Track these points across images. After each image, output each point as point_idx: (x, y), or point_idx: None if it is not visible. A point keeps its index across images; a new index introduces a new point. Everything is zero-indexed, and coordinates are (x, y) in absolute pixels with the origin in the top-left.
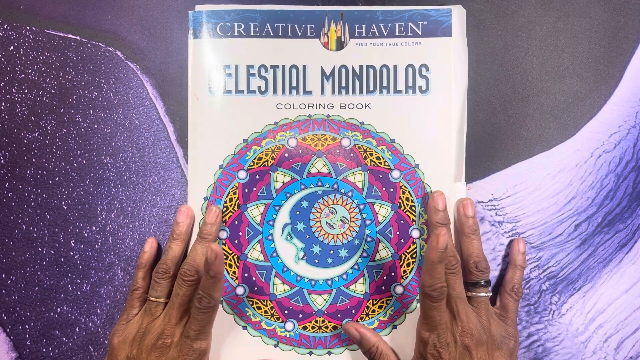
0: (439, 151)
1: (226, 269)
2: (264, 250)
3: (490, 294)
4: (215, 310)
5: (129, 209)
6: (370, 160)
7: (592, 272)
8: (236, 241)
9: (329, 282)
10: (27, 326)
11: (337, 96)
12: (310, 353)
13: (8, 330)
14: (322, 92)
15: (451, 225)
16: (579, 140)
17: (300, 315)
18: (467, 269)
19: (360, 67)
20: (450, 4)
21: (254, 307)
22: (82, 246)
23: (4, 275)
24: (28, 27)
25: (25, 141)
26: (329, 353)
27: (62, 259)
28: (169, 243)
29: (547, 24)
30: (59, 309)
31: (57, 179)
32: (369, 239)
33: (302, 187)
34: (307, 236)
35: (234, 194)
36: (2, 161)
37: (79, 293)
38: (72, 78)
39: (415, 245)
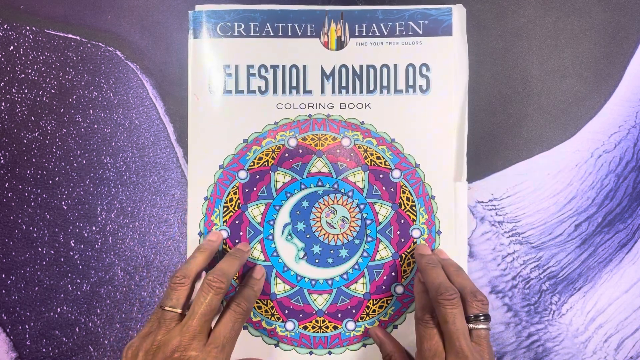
0: (439, 151)
1: None
2: (265, 250)
3: (490, 329)
4: (246, 318)
5: (129, 209)
6: (371, 159)
7: (592, 272)
8: (237, 241)
9: (330, 281)
10: (27, 326)
11: (338, 96)
12: (311, 353)
13: (8, 330)
14: (323, 91)
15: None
16: (579, 140)
17: (301, 315)
18: (465, 302)
19: (361, 66)
20: (451, 3)
21: (254, 307)
22: (82, 246)
23: (4, 275)
24: (28, 27)
25: (25, 141)
26: (330, 353)
27: (62, 259)
28: (194, 253)
29: (547, 24)
30: (58, 309)
31: (57, 179)
32: (369, 239)
33: (303, 187)
34: (308, 236)
35: (235, 193)
36: (2, 161)
37: (78, 293)
38: (72, 78)
39: (415, 245)
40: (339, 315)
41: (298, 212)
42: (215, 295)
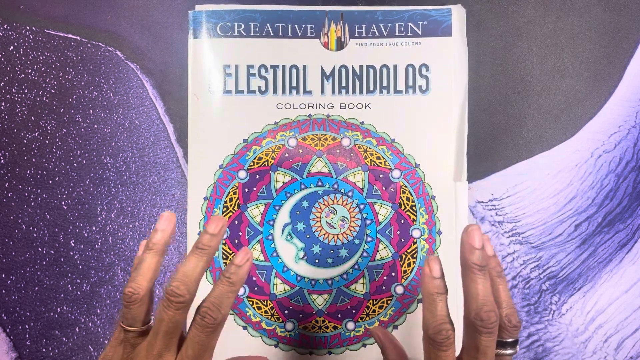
0: (439, 151)
1: None
2: (264, 250)
3: (517, 352)
4: (219, 330)
5: (129, 209)
6: (371, 160)
7: (592, 272)
8: (236, 241)
9: (329, 282)
10: (27, 326)
11: (337, 96)
12: (311, 353)
13: (8, 330)
14: (322, 92)
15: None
16: (579, 140)
17: (301, 315)
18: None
19: (360, 67)
20: (450, 3)
21: (254, 307)
22: (82, 246)
23: (4, 275)
24: (28, 27)
25: (25, 141)
26: (329, 353)
27: (62, 259)
28: (141, 255)
29: (547, 24)
30: (58, 309)
31: (57, 179)
32: (369, 239)
33: (302, 187)
34: (307, 236)
35: (234, 193)
36: (2, 161)
37: (78, 293)
38: (72, 78)
39: (415, 245)
40: (339, 315)
41: (298, 212)
42: (176, 311)
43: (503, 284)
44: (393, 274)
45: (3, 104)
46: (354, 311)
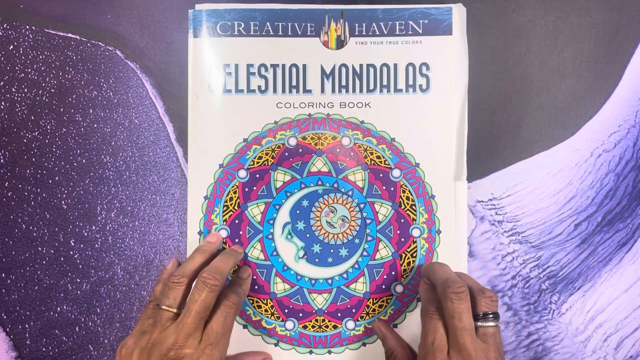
0: (439, 150)
1: None
2: (264, 249)
3: (500, 327)
4: (236, 313)
5: (129, 208)
6: (371, 159)
7: (592, 271)
8: (236, 240)
9: (329, 281)
10: (27, 325)
11: (337, 95)
12: (311, 352)
13: (8, 329)
14: (322, 91)
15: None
16: (579, 140)
17: (301, 314)
18: (473, 299)
19: (361, 65)
20: (451, 2)
21: (254, 306)
22: (81, 245)
23: (4, 275)
24: (28, 27)
25: (25, 141)
26: (329, 352)
27: (62, 259)
28: (193, 254)
29: (547, 24)
30: (58, 309)
31: (56, 178)
32: (369, 238)
33: (303, 186)
34: (308, 235)
35: (234, 193)
36: (2, 161)
37: (78, 292)
38: (71, 77)
39: (415, 245)
40: (339, 314)
41: (298, 212)
42: (209, 293)
43: (469, 277)
44: (393, 273)
45: (3, 103)
46: (354, 310)
